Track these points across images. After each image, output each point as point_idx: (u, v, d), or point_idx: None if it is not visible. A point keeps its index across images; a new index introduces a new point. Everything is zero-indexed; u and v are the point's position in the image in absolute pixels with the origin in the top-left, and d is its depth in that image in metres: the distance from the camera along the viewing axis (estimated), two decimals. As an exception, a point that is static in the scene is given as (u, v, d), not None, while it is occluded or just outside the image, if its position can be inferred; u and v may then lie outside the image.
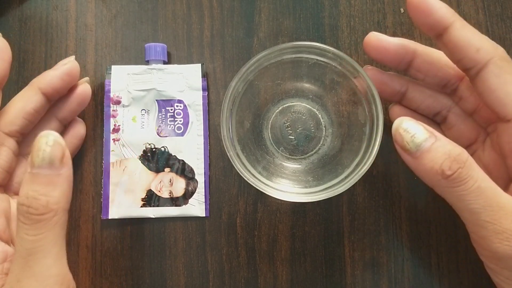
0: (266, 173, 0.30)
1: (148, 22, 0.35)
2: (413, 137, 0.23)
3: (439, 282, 0.32)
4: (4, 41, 0.27)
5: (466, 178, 0.22)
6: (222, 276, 0.32)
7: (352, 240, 0.32)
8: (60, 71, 0.29)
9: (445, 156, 0.22)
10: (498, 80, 0.24)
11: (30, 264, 0.22)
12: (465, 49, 0.25)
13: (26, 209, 0.22)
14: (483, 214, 0.22)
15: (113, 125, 0.33)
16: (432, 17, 0.25)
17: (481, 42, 0.25)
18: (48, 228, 0.22)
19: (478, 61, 0.25)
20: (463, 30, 0.25)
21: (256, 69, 0.29)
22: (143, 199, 0.33)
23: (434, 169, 0.22)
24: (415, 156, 0.23)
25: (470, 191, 0.22)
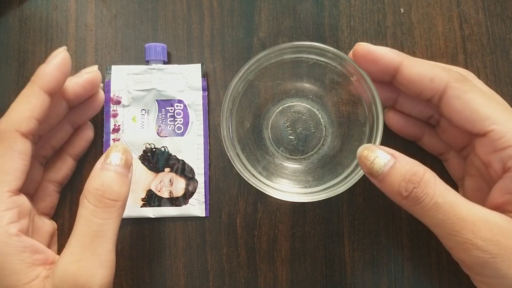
0: (266, 173, 0.30)
1: (148, 22, 0.35)
2: (372, 163, 0.24)
3: (439, 282, 0.32)
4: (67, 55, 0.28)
5: (422, 196, 0.23)
6: (222, 276, 0.32)
7: (352, 240, 0.32)
8: (83, 80, 0.30)
9: (401, 178, 0.23)
10: (459, 101, 0.25)
11: (94, 246, 0.24)
12: (420, 83, 0.26)
13: (102, 193, 0.25)
14: (444, 227, 0.23)
15: (113, 125, 0.33)
16: (380, 63, 0.27)
17: (433, 71, 0.26)
18: (116, 215, 0.25)
19: (435, 89, 0.26)
20: (413, 66, 0.26)
21: (256, 69, 0.29)
22: (143, 199, 0.33)
23: (394, 191, 0.24)
24: (379, 180, 0.24)
25: (428, 208, 0.23)
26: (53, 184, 0.31)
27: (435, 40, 0.34)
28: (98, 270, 0.24)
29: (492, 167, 0.25)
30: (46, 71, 0.27)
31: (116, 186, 0.25)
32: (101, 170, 0.26)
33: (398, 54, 0.27)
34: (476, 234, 0.23)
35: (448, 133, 0.30)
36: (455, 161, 0.31)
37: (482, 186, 0.28)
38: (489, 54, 0.34)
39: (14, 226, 0.25)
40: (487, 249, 0.22)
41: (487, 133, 0.25)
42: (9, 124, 0.26)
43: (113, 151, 0.26)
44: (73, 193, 0.33)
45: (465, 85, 0.25)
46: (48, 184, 0.31)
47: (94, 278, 0.24)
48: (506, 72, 0.33)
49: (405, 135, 0.32)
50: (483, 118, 0.25)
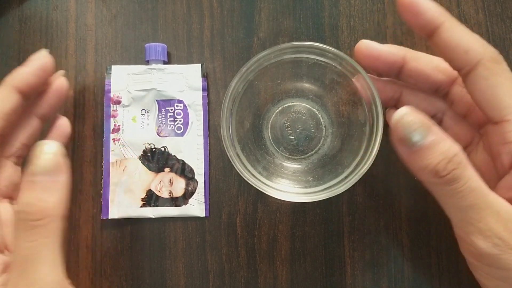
0: (266, 173, 0.30)
1: (148, 22, 0.35)
2: (415, 131, 0.23)
3: (439, 282, 0.32)
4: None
5: (458, 178, 0.22)
6: (222, 276, 0.32)
7: (352, 240, 0.32)
8: (32, 68, 0.28)
9: (442, 156, 0.22)
10: (486, 83, 0.24)
11: (27, 272, 0.22)
12: (454, 51, 0.25)
13: (24, 216, 0.22)
14: (469, 212, 0.23)
15: (113, 125, 0.33)
16: (422, 17, 0.25)
17: (471, 43, 0.25)
18: (44, 234, 0.22)
19: (467, 62, 0.25)
20: (452, 31, 0.25)
21: (256, 69, 0.29)
22: (143, 199, 0.33)
23: (429, 168, 0.23)
24: (412, 151, 0.23)
25: (461, 190, 0.22)
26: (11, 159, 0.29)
27: (435, 40, 0.34)
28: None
29: (499, 159, 0.25)
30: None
31: (40, 202, 0.23)
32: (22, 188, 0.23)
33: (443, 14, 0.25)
34: (500, 223, 0.22)
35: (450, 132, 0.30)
36: None
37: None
38: (489, 54, 0.34)
39: None
40: (508, 239, 0.22)
41: (502, 122, 0.24)
42: None
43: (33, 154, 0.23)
44: (73, 194, 0.33)
45: (497, 67, 0.24)
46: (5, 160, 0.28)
47: None
48: (506, 72, 0.33)
49: None
50: (502, 105, 0.24)
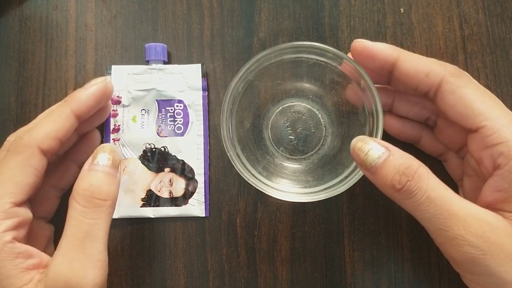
0: (266, 173, 0.30)
1: (148, 22, 0.35)
2: (366, 155, 0.24)
3: (439, 282, 0.32)
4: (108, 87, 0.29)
5: (415, 190, 0.23)
6: (222, 276, 0.32)
7: (352, 240, 0.32)
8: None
9: (395, 170, 0.23)
10: (454, 96, 0.25)
11: (84, 246, 0.24)
12: (416, 77, 0.26)
13: (90, 193, 0.25)
14: (435, 222, 0.23)
15: (113, 125, 0.33)
16: (378, 58, 0.27)
17: (429, 66, 0.26)
18: (105, 214, 0.25)
19: (430, 84, 0.26)
20: (409, 61, 0.26)
21: (256, 69, 0.29)
22: (143, 199, 0.33)
23: (386, 184, 0.24)
24: (371, 172, 0.24)
25: (421, 201, 0.23)
26: (55, 189, 0.31)
27: (435, 40, 0.34)
28: (90, 271, 0.24)
29: (483, 164, 0.25)
30: (82, 97, 0.28)
31: (104, 186, 0.25)
32: (88, 171, 0.26)
33: (395, 49, 0.27)
34: (467, 230, 0.23)
35: (445, 134, 0.30)
36: (454, 162, 0.31)
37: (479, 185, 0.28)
38: (489, 54, 0.34)
39: (9, 234, 0.25)
40: (478, 245, 0.22)
41: (478, 129, 0.25)
42: (32, 139, 0.26)
43: (100, 151, 0.27)
44: (73, 193, 0.33)
45: (459, 80, 0.25)
46: (49, 189, 0.31)
47: (86, 279, 0.24)
48: (506, 72, 0.33)
49: (403, 139, 0.32)
50: (475, 113, 0.25)
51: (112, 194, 0.26)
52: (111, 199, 0.26)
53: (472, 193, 0.29)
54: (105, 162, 0.26)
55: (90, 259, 0.24)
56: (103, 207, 0.25)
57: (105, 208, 0.25)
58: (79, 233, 0.24)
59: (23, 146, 0.26)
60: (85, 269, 0.24)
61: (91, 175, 0.26)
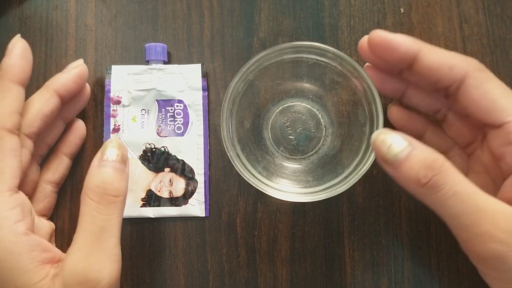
0: (266, 173, 0.30)
1: (148, 22, 0.35)
2: (389, 148, 0.23)
3: (439, 282, 0.32)
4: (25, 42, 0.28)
5: (441, 184, 0.22)
6: (222, 276, 0.32)
7: (352, 240, 0.32)
8: (72, 74, 0.30)
9: (420, 164, 0.23)
10: (478, 91, 0.25)
11: (101, 241, 0.24)
12: (439, 71, 0.25)
13: (103, 190, 0.25)
14: (462, 218, 0.23)
15: (113, 125, 0.33)
16: (398, 51, 0.26)
17: (452, 60, 0.25)
18: (118, 209, 0.25)
19: (454, 78, 0.25)
20: (431, 54, 0.26)
21: (256, 69, 0.29)
22: (143, 199, 0.33)
23: (411, 178, 0.23)
24: (394, 167, 0.24)
25: (447, 196, 0.23)
26: (51, 184, 0.31)
27: (435, 40, 0.34)
28: (107, 265, 0.24)
29: (504, 160, 0.25)
30: (11, 63, 0.27)
31: (116, 182, 0.26)
32: (99, 167, 0.26)
33: (416, 42, 0.26)
34: (495, 226, 0.22)
35: (455, 128, 0.30)
36: (457, 159, 0.31)
37: (487, 183, 0.28)
38: (489, 54, 0.34)
39: (21, 224, 0.25)
40: (507, 241, 0.22)
41: (503, 124, 0.24)
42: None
43: (108, 147, 0.26)
44: (73, 193, 0.33)
45: (483, 75, 0.25)
46: (46, 185, 0.31)
47: (103, 272, 0.24)
48: (506, 72, 0.33)
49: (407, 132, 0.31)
50: (500, 109, 0.24)
51: (123, 190, 0.26)
52: (123, 195, 0.26)
53: None
54: (114, 157, 0.26)
55: (106, 253, 0.25)
56: (116, 203, 0.25)
57: (117, 204, 0.25)
58: (95, 228, 0.25)
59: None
60: (102, 263, 0.24)
61: (102, 171, 0.26)
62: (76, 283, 0.24)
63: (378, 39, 0.26)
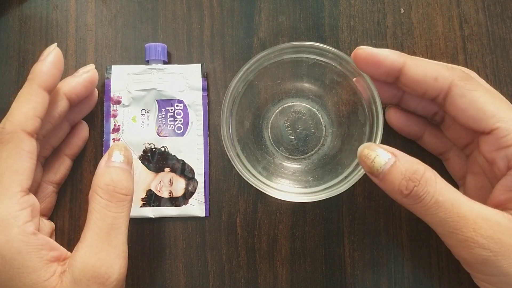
0: (266, 173, 0.30)
1: (148, 22, 0.35)
2: (373, 162, 0.24)
3: (439, 282, 0.32)
4: (60, 52, 0.29)
5: (423, 194, 0.23)
6: (222, 276, 0.32)
7: (352, 240, 0.32)
8: (83, 79, 0.31)
9: (402, 176, 0.23)
10: (464, 100, 0.25)
11: (110, 238, 0.25)
12: (424, 83, 0.26)
13: (113, 188, 0.26)
14: (446, 225, 0.23)
15: (113, 125, 0.33)
16: (383, 65, 0.26)
17: (437, 70, 0.26)
18: (127, 208, 0.26)
19: (440, 88, 0.26)
20: (416, 66, 0.26)
21: (256, 69, 0.29)
22: (143, 199, 0.33)
23: (394, 189, 0.24)
24: (379, 179, 0.24)
25: (429, 206, 0.23)
26: (52, 185, 0.31)
27: (435, 40, 0.34)
28: (116, 261, 0.25)
29: (496, 164, 0.25)
30: (43, 69, 0.27)
31: (124, 181, 0.27)
32: (107, 168, 0.27)
33: (400, 55, 0.27)
34: (477, 232, 0.23)
35: (452, 130, 0.30)
36: (455, 160, 0.31)
37: (485, 184, 0.28)
38: (489, 54, 0.34)
39: (30, 225, 0.25)
40: (489, 247, 0.22)
41: (492, 130, 0.25)
42: (14, 125, 0.26)
43: (115, 149, 0.28)
44: (73, 193, 0.33)
45: (469, 83, 0.25)
46: (47, 185, 0.31)
47: (113, 268, 0.25)
48: (506, 72, 0.33)
49: (406, 134, 0.32)
50: (488, 116, 0.25)
51: (131, 189, 0.27)
52: (131, 194, 0.27)
53: (476, 191, 0.29)
54: (121, 159, 0.27)
55: (116, 249, 0.25)
56: (125, 201, 0.26)
57: (126, 202, 0.26)
58: (105, 225, 0.25)
59: (8, 134, 0.26)
60: (112, 259, 0.25)
61: (110, 171, 0.27)
62: (85, 279, 0.24)
63: (363, 55, 0.27)
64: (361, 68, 0.28)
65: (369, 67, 0.27)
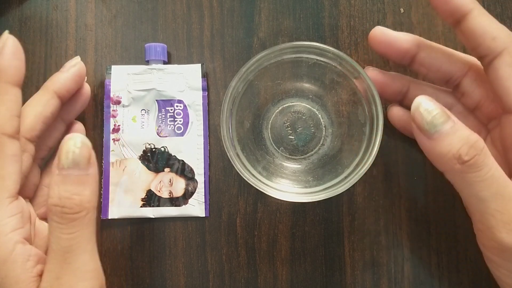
0: (266, 173, 0.30)
1: (148, 22, 0.35)
2: (433, 118, 0.23)
3: (439, 282, 0.32)
4: (15, 39, 0.26)
5: (481, 165, 0.22)
6: (222, 276, 0.32)
7: (352, 240, 0.32)
8: (71, 73, 0.30)
9: (463, 141, 0.22)
10: (509, 70, 0.24)
11: (68, 261, 0.23)
12: (481, 37, 0.25)
13: (61, 209, 0.23)
14: (493, 202, 0.22)
15: (113, 125, 0.33)
16: (452, 4, 0.25)
17: (498, 31, 0.25)
18: (82, 226, 0.23)
19: (493, 49, 0.25)
20: (481, 18, 0.25)
21: (256, 69, 0.29)
22: (143, 199, 0.33)
23: (451, 153, 0.22)
24: (432, 138, 0.23)
25: (484, 178, 0.22)
26: None
27: (435, 40, 0.34)
28: (79, 284, 0.23)
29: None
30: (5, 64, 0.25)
31: (75, 196, 0.23)
32: (57, 177, 0.23)
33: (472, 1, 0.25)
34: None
35: None
36: None
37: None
38: (489, 54, 0.34)
39: (18, 232, 0.24)
40: None
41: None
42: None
43: (63, 149, 0.23)
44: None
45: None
46: (47, 189, 0.30)
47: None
48: (506, 72, 0.33)
49: (408, 133, 0.32)
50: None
51: (85, 201, 0.23)
52: (86, 208, 0.23)
53: None
54: (70, 162, 0.23)
55: (78, 272, 0.23)
56: (77, 219, 0.23)
57: (80, 220, 0.23)
58: (59, 249, 0.23)
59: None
60: (74, 284, 0.23)
61: (57, 185, 0.23)
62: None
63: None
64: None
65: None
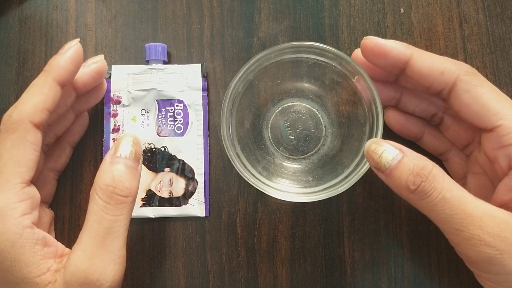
0: (266, 173, 0.30)
1: (148, 22, 0.35)
2: (380, 157, 0.24)
3: (439, 282, 0.32)
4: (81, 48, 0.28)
5: (429, 190, 0.23)
6: (222, 276, 0.32)
7: (352, 240, 0.32)
8: (91, 69, 0.30)
9: (409, 171, 0.23)
10: (469, 95, 0.25)
11: (106, 242, 0.24)
12: (430, 76, 0.26)
13: (113, 189, 0.24)
14: (451, 222, 0.23)
15: (113, 125, 0.33)
16: (389, 56, 0.26)
17: (443, 64, 0.26)
18: (126, 210, 0.25)
19: (445, 82, 0.26)
20: (423, 59, 0.26)
21: (256, 69, 0.29)
22: (143, 199, 0.33)
23: (401, 185, 0.24)
24: (386, 174, 0.24)
25: (436, 202, 0.23)
26: (53, 172, 0.31)
27: (435, 40, 0.34)
28: (110, 267, 0.24)
29: (498, 163, 0.25)
30: (61, 63, 0.27)
31: (126, 182, 0.25)
32: (111, 164, 0.25)
33: (407, 47, 0.26)
34: (484, 229, 0.22)
35: (451, 130, 0.30)
36: (456, 160, 0.31)
37: (486, 183, 0.28)
38: (489, 54, 0.34)
39: (27, 218, 0.25)
40: (495, 245, 0.22)
41: (494, 128, 0.25)
42: (22, 115, 0.25)
43: (122, 143, 0.26)
44: (73, 194, 0.33)
45: (474, 79, 0.25)
46: (48, 172, 0.31)
47: (106, 275, 0.24)
48: (506, 72, 0.33)
49: (405, 135, 0.32)
50: (491, 113, 0.25)
51: (133, 190, 0.25)
52: (133, 195, 0.25)
53: (477, 191, 0.29)
54: (128, 154, 0.25)
55: (111, 255, 0.24)
56: (124, 203, 0.25)
57: (126, 205, 0.25)
58: (101, 229, 0.24)
59: (15, 124, 0.25)
60: (106, 265, 0.24)
61: (113, 168, 0.25)
62: (77, 284, 0.23)
63: (370, 45, 0.27)
64: (367, 58, 0.28)
65: (375, 58, 0.27)
